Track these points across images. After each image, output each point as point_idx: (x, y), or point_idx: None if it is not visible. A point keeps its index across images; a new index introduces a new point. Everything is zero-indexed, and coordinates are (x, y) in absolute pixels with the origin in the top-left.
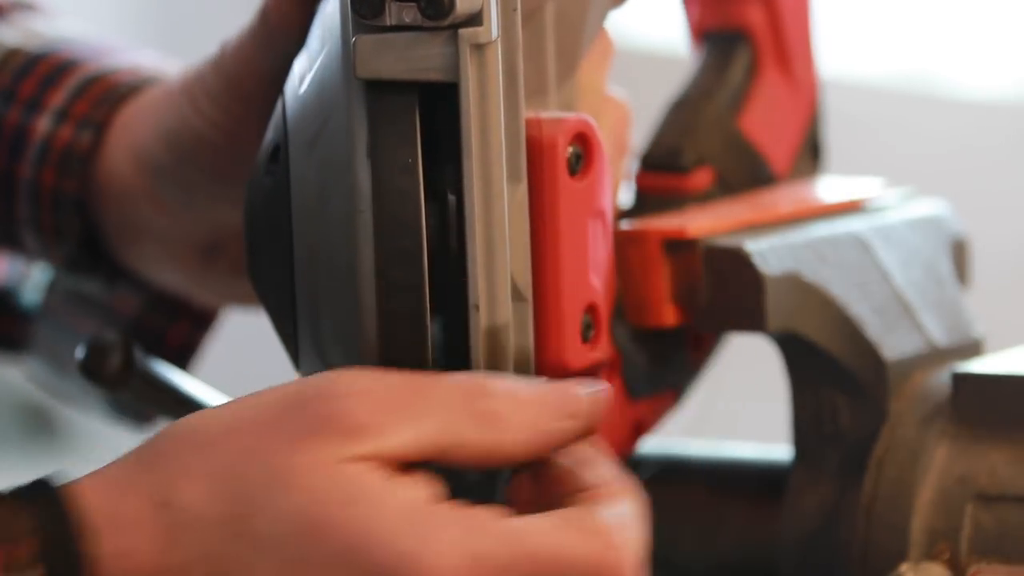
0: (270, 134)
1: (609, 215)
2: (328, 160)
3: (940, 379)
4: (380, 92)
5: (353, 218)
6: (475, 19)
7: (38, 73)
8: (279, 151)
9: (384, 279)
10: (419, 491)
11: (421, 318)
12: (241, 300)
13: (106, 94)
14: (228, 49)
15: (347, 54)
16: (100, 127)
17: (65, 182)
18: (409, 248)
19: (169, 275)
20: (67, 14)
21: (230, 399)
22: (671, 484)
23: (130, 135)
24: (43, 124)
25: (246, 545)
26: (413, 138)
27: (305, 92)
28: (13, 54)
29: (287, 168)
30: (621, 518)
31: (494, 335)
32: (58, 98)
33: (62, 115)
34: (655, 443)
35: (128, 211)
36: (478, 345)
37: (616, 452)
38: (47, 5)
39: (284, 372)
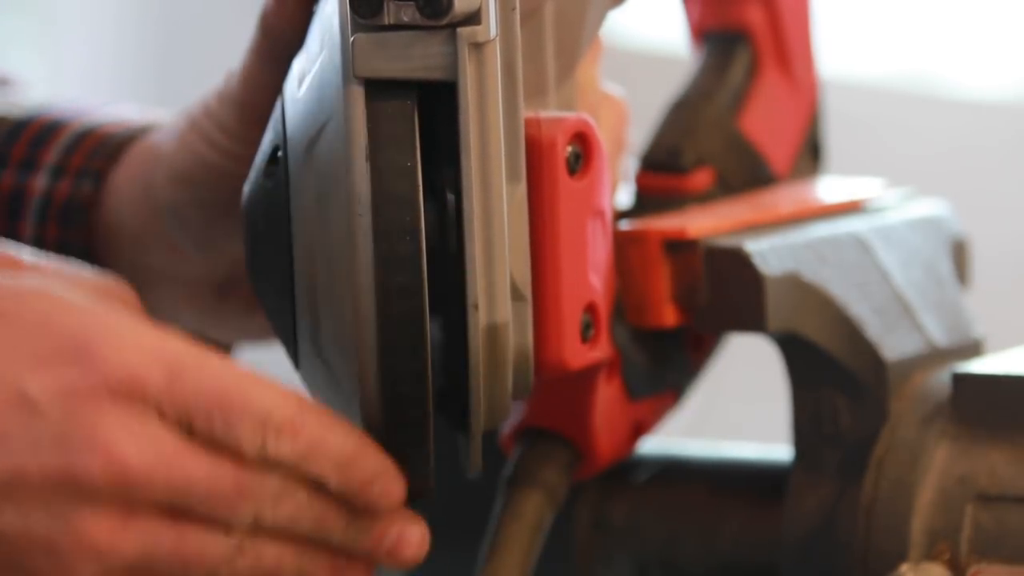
0: (269, 135)
1: (609, 214)
2: (327, 162)
3: (940, 379)
4: (379, 93)
5: (352, 222)
6: (473, 18)
7: (27, 136)
8: (278, 152)
9: (383, 282)
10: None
11: (420, 321)
12: (254, 335)
13: (99, 145)
14: (233, 77)
15: (346, 53)
16: (99, 175)
17: (70, 233)
18: (408, 252)
19: (183, 316)
20: (68, 18)
21: None
22: (671, 484)
23: (139, 181)
24: (40, 182)
25: None
26: (412, 142)
27: (304, 93)
28: None
29: (286, 169)
30: None
31: (493, 334)
32: (51, 156)
33: (58, 171)
34: (655, 443)
35: (140, 257)
36: (477, 344)
37: (616, 452)
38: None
39: (285, 374)
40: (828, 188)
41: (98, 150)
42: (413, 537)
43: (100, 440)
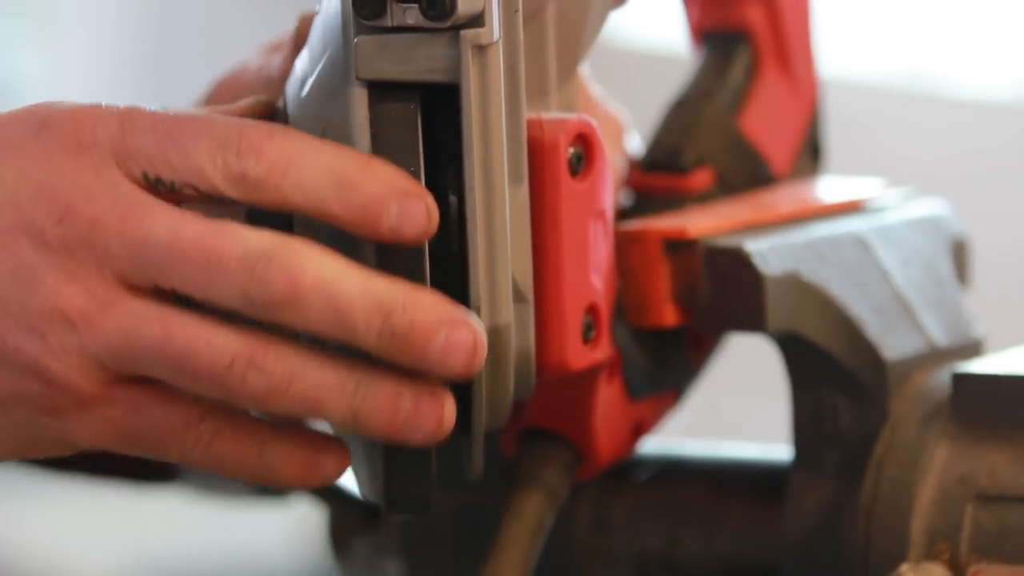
0: None
1: (610, 215)
2: None
3: (940, 379)
4: (382, 95)
5: None
6: (477, 20)
7: None
8: None
9: None
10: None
11: None
12: None
13: None
14: (217, 82)
15: (349, 56)
16: None
17: None
18: (411, 255)
19: None
20: (68, 18)
21: None
22: (671, 484)
23: None
24: None
25: None
26: (415, 144)
27: (307, 95)
28: None
29: None
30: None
31: (495, 336)
32: None
33: None
34: (655, 443)
35: None
36: None
37: (616, 452)
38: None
39: None
40: (828, 188)
41: None
42: (464, 339)
43: (46, 188)
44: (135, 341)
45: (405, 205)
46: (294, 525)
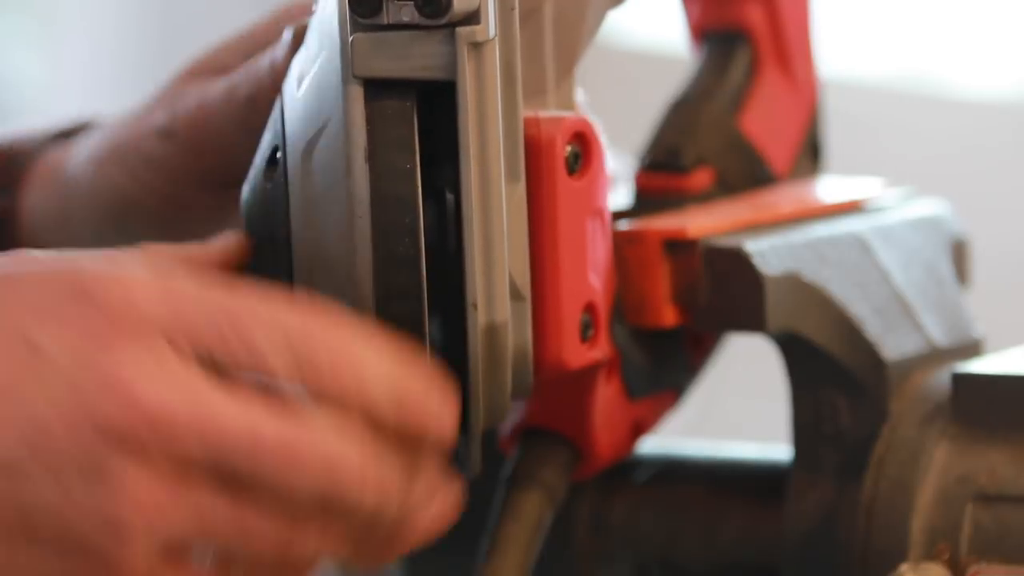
0: (268, 135)
1: (608, 214)
2: (326, 164)
3: (940, 379)
4: (378, 93)
5: (351, 223)
6: (472, 17)
7: None
8: (277, 153)
9: (382, 284)
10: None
11: (419, 323)
12: None
13: (11, 158)
14: (181, 113)
15: (345, 53)
16: (10, 190)
17: None
18: (407, 254)
19: None
20: (68, 18)
21: None
22: (671, 484)
23: (54, 208)
24: None
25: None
26: (411, 142)
27: (303, 93)
28: None
29: (285, 171)
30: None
31: (492, 334)
32: None
33: None
34: (655, 443)
35: None
36: (476, 344)
37: (616, 452)
38: None
39: None
40: (828, 188)
41: (11, 162)
42: (452, 499)
43: (113, 381)
44: (208, 527)
45: (446, 408)
46: None
